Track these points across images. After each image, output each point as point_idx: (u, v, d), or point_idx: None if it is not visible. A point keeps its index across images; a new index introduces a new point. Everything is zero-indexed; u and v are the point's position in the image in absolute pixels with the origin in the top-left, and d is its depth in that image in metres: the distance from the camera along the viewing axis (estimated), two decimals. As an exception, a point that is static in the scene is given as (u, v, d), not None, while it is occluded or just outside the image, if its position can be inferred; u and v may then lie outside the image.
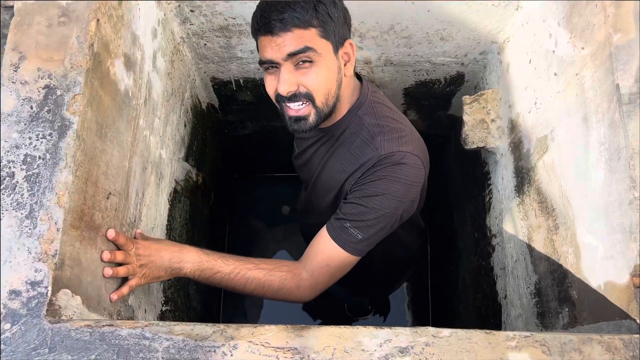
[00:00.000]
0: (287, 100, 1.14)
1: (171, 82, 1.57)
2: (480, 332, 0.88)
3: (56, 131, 0.99)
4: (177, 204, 1.71)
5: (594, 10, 1.10)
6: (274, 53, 1.09)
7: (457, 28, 1.62)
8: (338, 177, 1.27)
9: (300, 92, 1.13)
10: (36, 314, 0.90)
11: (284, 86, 1.11)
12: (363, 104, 1.24)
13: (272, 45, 1.08)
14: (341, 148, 1.26)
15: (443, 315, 2.39)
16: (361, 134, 1.22)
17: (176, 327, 0.89)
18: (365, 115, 1.23)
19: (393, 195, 1.16)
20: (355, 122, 1.24)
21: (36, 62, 1.03)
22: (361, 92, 1.26)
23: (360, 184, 1.19)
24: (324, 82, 1.13)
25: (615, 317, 0.98)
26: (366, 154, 1.19)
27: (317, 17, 1.07)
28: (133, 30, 1.25)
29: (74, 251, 0.99)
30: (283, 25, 1.05)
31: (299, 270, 1.19)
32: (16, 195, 0.96)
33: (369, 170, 1.18)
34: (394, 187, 1.16)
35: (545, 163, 1.31)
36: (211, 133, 2.17)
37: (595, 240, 1.08)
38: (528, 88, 1.44)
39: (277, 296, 1.19)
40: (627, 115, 0.99)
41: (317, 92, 1.13)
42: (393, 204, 1.17)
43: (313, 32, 1.08)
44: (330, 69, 1.13)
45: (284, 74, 1.10)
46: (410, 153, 1.17)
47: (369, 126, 1.22)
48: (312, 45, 1.08)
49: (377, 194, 1.16)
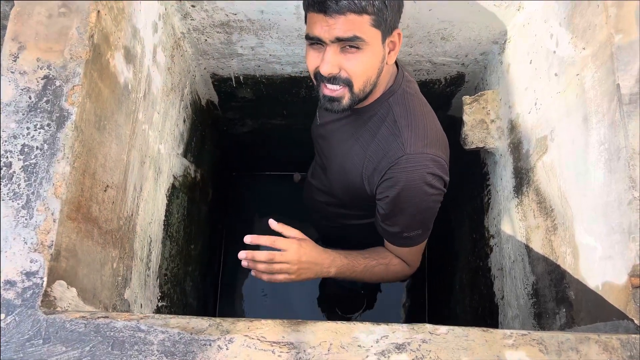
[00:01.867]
0: (325, 80, 1.14)
1: (171, 77, 1.57)
2: (477, 329, 0.88)
3: (54, 122, 0.98)
4: (175, 200, 1.70)
5: (595, 11, 1.10)
6: (323, 32, 1.08)
7: (458, 28, 1.62)
8: (358, 161, 1.28)
9: (341, 76, 1.13)
10: (31, 305, 0.89)
11: (327, 67, 1.11)
12: (395, 92, 1.25)
13: (323, 25, 1.07)
14: (365, 133, 1.27)
15: (439, 315, 2.39)
16: (387, 122, 1.23)
17: (172, 320, 0.89)
18: (395, 104, 1.24)
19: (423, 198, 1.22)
20: (384, 109, 1.25)
21: (36, 53, 1.03)
22: (396, 79, 1.27)
23: (389, 188, 1.21)
24: (366, 70, 1.13)
25: (613, 317, 0.98)
26: (392, 149, 1.20)
27: (373, 5, 1.05)
28: (134, 24, 1.25)
29: (70, 243, 0.98)
30: (338, 7, 1.04)
31: (403, 264, 1.38)
32: (13, 185, 0.95)
33: (394, 167, 1.19)
34: (421, 191, 1.20)
35: (545, 163, 1.31)
36: (210, 130, 2.16)
37: (593, 240, 1.07)
38: (528, 88, 1.44)
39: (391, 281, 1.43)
40: (628, 116, 0.98)
41: (357, 79, 1.14)
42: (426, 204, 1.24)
43: (366, 19, 1.06)
44: (374, 57, 1.13)
45: (329, 55, 1.10)
46: (434, 155, 1.20)
47: (397, 117, 1.22)
48: (361, 35, 1.07)
49: (410, 204, 1.22)
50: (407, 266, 1.38)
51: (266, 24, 1.62)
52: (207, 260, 2.27)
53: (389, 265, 1.35)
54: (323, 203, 1.55)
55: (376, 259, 1.34)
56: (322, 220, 1.66)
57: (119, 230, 1.22)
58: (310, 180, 1.64)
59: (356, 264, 1.32)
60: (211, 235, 2.35)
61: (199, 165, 2.01)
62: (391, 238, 1.32)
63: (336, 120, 1.35)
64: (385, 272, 1.36)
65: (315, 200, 1.60)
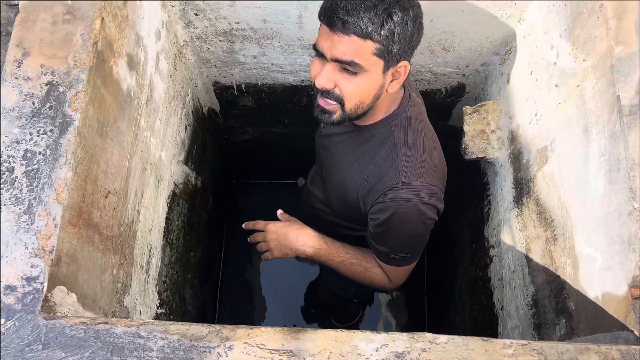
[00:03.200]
0: (320, 92, 1.16)
1: (173, 84, 1.57)
2: (477, 339, 0.88)
3: (57, 127, 0.99)
4: (176, 207, 1.70)
5: (596, 23, 1.11)
6: (326, 47, 1.08)
7: (459, 39, 1.63)
8: (357, 180, 1.29)
9: (334, 93, 1.13)
10: (31, 310, 0.89)
11: (321, 80, 1.12)
12: (399, 117, 1.24)
13: (327, 39, 1.07)
14: (365, 153, 1.28)
15: (439, 325, 2.38)
16: (387, 145, 1.23)
17: (171, 327, 0.89)
18: (397, 128, 1.24)
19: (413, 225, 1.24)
20: (385, 132, 1.25)
21: (40, 59, 1.03)
22: (400, 104, 1.26)
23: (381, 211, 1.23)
24: (360, 95, 1.13)
25: (613, 328, 0.98)
26: (388, 173, 1.21)
27: (380, 33, 1.04)
28: (137, 31, 1.25)
29: (71, 248, 0.98)
30: (344, 27, 1.03)
31: (384, 276, 1.40)
32: (15, 190, 0.95)
33: (388, 193, 1.20)
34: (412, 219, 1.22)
35: (545, 174, 1.32)
36: (211, 137, 2.17)
37: (593, 251, 1.07)
38: (529, 99, 1.44)
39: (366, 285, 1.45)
40: (628, 127, 0.99)
41: (349, 100, 1.14)
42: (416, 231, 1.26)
43: (369, 45, 1.05)
44: (371, 84, 1.12)
45: (326, 70, 1.11)
46: (428, 184, 1.20)
47: (396, 141, 1.22)
48: (360, 61, 1.06)
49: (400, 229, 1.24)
50: (388, 280, 1.41)
51: (268, 33, 1.64)
52: (206, 268, 2.27)
53: (369, 270, 1.39)
54: (320, 211, 1.57)
55: (359, 259, 1.39)
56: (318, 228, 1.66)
57: (120, 237, 1.22)
58: (309, 187, 1.65)
59: (335, 254, 1.39)
60: (211, 243, 2.34)
61: (200, 173, 2.02)
62: (379, 255, 1.35)
63: (339, 133, 1.36)
64: (363, 275, 1.40)
65: (313, 207, 1.61)
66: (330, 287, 2.05)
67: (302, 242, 1.39)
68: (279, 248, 1.41)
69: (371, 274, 1.40)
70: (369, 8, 1.02)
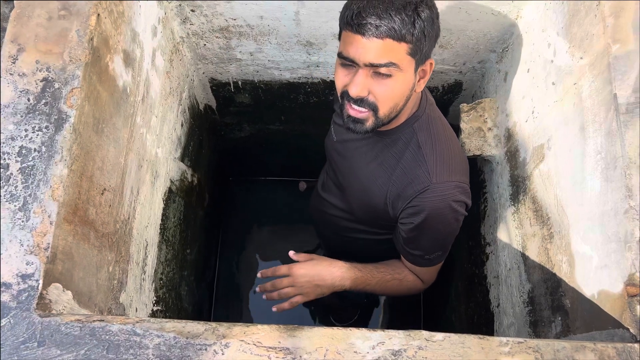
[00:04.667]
0: (352, 101, 1.12)
1: (169, 81, 1.57)
2: (473, 337, 0.88)
3: (53, 124, 0.98)
4: (172, 204, 1.70)
5: (593, 21, 1.11)
6: (357, 54, 1.05)
7: (456, 36, 1.63)
8: (382, 185, 1.27)
9: (368, 100, 1.10)
10: (26, 307, 0.89)
11: (356, 89, 1.08)
12: (420, 118, 1.24)
13: (359, 46, 1.04)
14: (389, 157, 1.26)
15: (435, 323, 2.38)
16: (411, 147, 1.22)
17: (167, 324, 0.88)
18: (419, 130, 1.23)
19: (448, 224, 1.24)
20: (408, 134, 1.24)
21: (35, 55, 1.03)
22: (420, 105, 1.25)
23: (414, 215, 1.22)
24: (394, 97, 1.11)
25: (609, 326, 0.98)
26: (418, 176, 1.20)
27: (412, 34, 1.03)
28: (133, 27, 1.25)
29: (66, 245, 0.98)
30: (378, 32, 1.01)
31: (418, 279, 1.39)
32: (10, 187, 0.95)
33: (420, 196, 1.20)
34: (447, 219, 1.22)
35: (541, 172, 1.32)
36: (208, 134, 2.16)
37: (589, 249, 1.08)
38: (526, 97, 1.44)
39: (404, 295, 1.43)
40: (625, 125, 0.99)
41: (383, 105, 1.12)
42: (450, 229, 1.26)
43: (404, 47, 1.04)
44: (405, 85, 1.11)
45: (360, 77, 1.07)
46: (458, 181, 1.21)
47: (421, 143, 1.21)
48: (397, 62, 1.05)
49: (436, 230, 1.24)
50: (422, 282, 1.39)
51: (265, 29, 1.63)
52: (202, 265, 2.27)
53: (403, 280, 1.36)
54: (336, 217, 1.54)
55: (390, 273, 1.36)
56: (330, 232, 1.65)
57: (116, 234, 1.21)
58: (321, 194, 1.60)
59: (370, 277, 1.33)
60: (207, 240, 2.34)
61: (196, 170, 2.01)
62: (412, 259, 1.32)
63: (356, 140, 1.33)
64: (399, 287, 1.37)
65: (327, 213, 1.57)
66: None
67: (338, 277, 1.30)
68: (314, 290, 1.31)
69: (406, 283, 1.37)
70: (399, 10, 1.01)
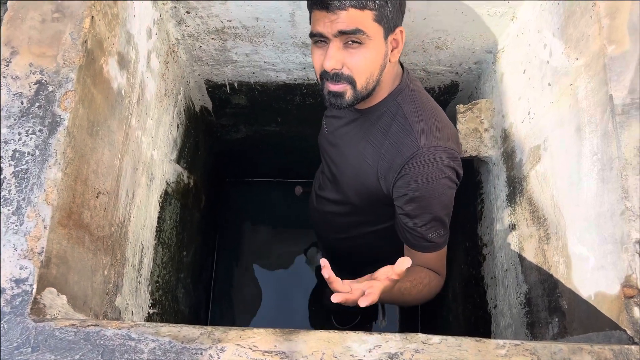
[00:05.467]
0: (329, 78, 1.16)
1: (165, 83, 1.56)
2: (470, 339, 0.88)
3: (46, 127, 0.98)
4: (168, 206, 1.69)
5: (588, 22, 1.11)
6: (325, 28, 1.10)
7: (452, 37, 1.63)
8: (373, 161, 1.28)
9: (343, 74, 1.15)
10: (20, 312, 0.88)
11: (330, 62, 1.13)
12: (403, 91, 1.26)
13: (325, 21, 1.10)
14: (376, 133, 1.28)
15: (432, 324, 2.38)
16: (398, 119, 1.24)
17: (163, 329, 0.88)
18: (404, 102, 1.25)
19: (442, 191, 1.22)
20: (393, 107, 1.26)
21: (28, 58, 1.02)
22: (402, 78, 1.28)
23: (407, 184, 1.21)
24: (369, 66, 1.15)
25: (606, 327, 0.98)
26: (406, 144, 1.20)
27: (375, 1, 1.08)
28: (128, 29, 1.24)
29: (61, 249, 0.97)
30: (340, 2, 1.07)
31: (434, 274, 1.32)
32: (3, 191, 0.94)
33: (410, 162, 1.20)
34: (440, 184, 1.21)
35: (538, 173, 1.32)
36: (204, 136, 2.16)
37: (586, 250, 1.07)
38: (522, 98, 1.44)
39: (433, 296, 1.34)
40: (620, 126, 0.99)
41: (359, 75, 1.15)
42: (445, 198, 1.23)
43: (368, 14, 1.09)
44: (377, 53, 1.15)
45: (332, 50, 1.12)
46: (447, 147, 1.21)
47: (407, 114, 1.23)
48: (364, 28, 1.09)
49: (430, 198, 1.21)
50: (440, 277, 1.34)
51: (261, 31, 1.62)
52: (199, 267, 2.26)
53: (430, 283, 1.30)
54: (334, 214, 1.54)
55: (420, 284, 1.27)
56: (330, 233, 1.64)
57: (111, 237, 1.21)
58: (318, 193, 1.61)
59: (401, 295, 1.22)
60: (204, 242, 2.33)
61: (192, 172, 2.01)
62: (416, 243, 1.28)
63: (344, 125, 1.36)
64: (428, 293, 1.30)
65: (325, 212, 1.58)
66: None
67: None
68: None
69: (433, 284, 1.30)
70: None
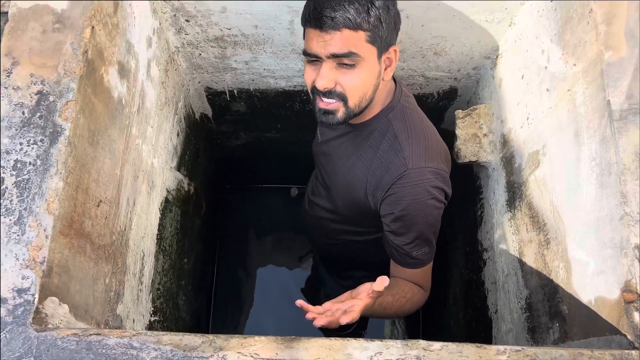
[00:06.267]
0: (321, 95, 1.16)
1: (165, 91, 1.57)
2: (471, 345, 0.88)
3: (48, 137, 0.98)
4: (168, 214, 1.70)
5: (585, 28, 1.11)
6: (319, 48, 1.10)
7: (450, 43, 1.63)
8: (362, 176, 1.29)
9: (335, 91, 1.15)
10: (22, 322, 0.88)
11: (322, 82, 1.13)
12: (394, 108, 1.26)
13: (319, 40, 1.09)
14: (367, 149, 1.28)
15: (434, 329, 2.38)
16: (388, 137, 1.24)
17: (164, 337, 0.88)
18: (395, 119, 1.25)
19: (428, 212, 1.23)
20: (383, 125, 1.26)
21: (29, 68, 1.03)
22: (394, 95, 1.28)
23: (394, 203, 1.22)
24: (361, 86, 1.15)
25: (606, 332, 0.98)
26: (394, 164, 1.21)
27: (368, 22, 1.08)
28: (128, 39, 1.25)
29: (62, 259, 0.98)
30: (334, 23, 1.06)
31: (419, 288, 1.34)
32: (5, 201, 0.95)
33: (397, 182, 1.20)
34: (426, 205, 1.21)
35: (537, 178, 1.32)
36: (204, 143, 2.16)
37: (586, 255, 1.08)
38: (520, 103, 1.45)
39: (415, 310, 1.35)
40: (618, 131, 0.99)
41: (352, 94, 1.15)
42: (431, 218, 1.25)
43: (361, 35, 1.09)
44: (370, 73, 1.15)
45: (325, 70, 1.12)
46: (435, 167, 1.21)
47: (397, 132, 1.24)
48: (357, 50, 1.09)
49: (416, 218, 1.22)
50: (424, 291, 1.35)
51: (260, 38, 1.63)
52: (200, 274, 2.26)
53: (413, 297, 1.31)
54: (325, 220, 1.55)
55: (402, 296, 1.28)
56: (322, 237, 1.65)
57: (112, 245, 1.21)
58: (311, 198, 1.62)
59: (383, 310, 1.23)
60: (204, 249, 2.34)
61: (193, 179, 2.01)
62: (402, 260, 1.30)
63: (337, 137, 1.36)
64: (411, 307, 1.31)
65: (317, 217, 1.59)
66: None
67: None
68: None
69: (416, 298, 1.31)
70: (351, 1, 1.06)
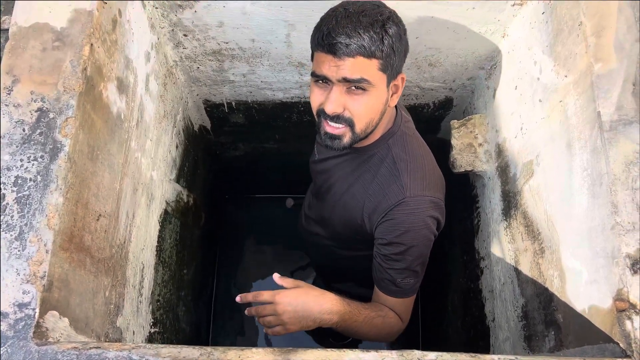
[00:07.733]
0: (328, 119, 1.15)
1: (163, 104, 1.59)
2: (466, 355, 0.89)
3: (48, 153, 1.00)
4: (168, 225, 1.71)
5: (576, 40, 1.13)
6: (330, 72, 1.09)
7: (445, 54, 1.66)
8: (360, 199, 1.29)
9: (344, 116, 1.13)
10: (23, 336, 0.90)
11: (331, 106, 1.11)
12: (395, 134, 1.27)
13: (331, 64, 1.08)
14: (366, 172, 1.28)
15: (433, 337, 2.39)
16: (387, 163, 1.25)
17: (163, 350, 0.89)
18: (394, 146, 1.26)
19: (421, 242, 1.23)
20: (383, 150, 1.26)
21: (30, 86, 1.04)
22: (395, 121, 1.28)
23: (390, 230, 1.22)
24: (369, 112, 1.14)
25: (600, 340, 0.99)
26: (392, 190, 1.22)
27: (382, 50, 1.07)
28: (126, 54, 1.27)
29: (62, 273, 0.99)
30: (349, 50, 1.05)
31: (397, 317, 1.32)
32: (6, 216, 0.96)
33: (395, 209, 1.21)
34: (420, 235, 1.22)
35: (531, 187, 1.34)
36: (203, 154, 2.18)
37: (579, 264, 1.09)
38: (514, 114, 1.47)
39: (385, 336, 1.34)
40: (609, 142, 1.01)
41: (359, 120, 1.14)
42: (423, 249, 1.25)
43: (374, 63, 1.08)
44: (378, 100, 1.14)
45: (334, 94, 1.11)
46: (432, 197, 1.22)
47: (396, 158, 1.24)
48: (368, 77, 1.08)
49: (408, 247, 1.22)
50: (401, 321, 1.33)
51: (257, 52, 1.65)
52: (200, 284, 2.27)
53: (386, 317, 1.30)
54: (319, 235, 1.55)
55: (375, 311, 1.29)
56: (315, 251, 1.67)
57: (112, 258, 1.23)
58: (307, 212, 1.63)
59: (357, 313, 1.24)
60: (204, 259, 2.35)
61: (192, 190, 2.03)
62: (385, 287, 1.29)
63: (336, 157, 1.36)
64: (382, 325, 1.29)
65: (311, 231, 1.59)
66: None
67: (326, 309, 1.18)
68: (298, 321, 1.17)
69: (388, 320, 1.30)
70: (367, 28, 1.05)
